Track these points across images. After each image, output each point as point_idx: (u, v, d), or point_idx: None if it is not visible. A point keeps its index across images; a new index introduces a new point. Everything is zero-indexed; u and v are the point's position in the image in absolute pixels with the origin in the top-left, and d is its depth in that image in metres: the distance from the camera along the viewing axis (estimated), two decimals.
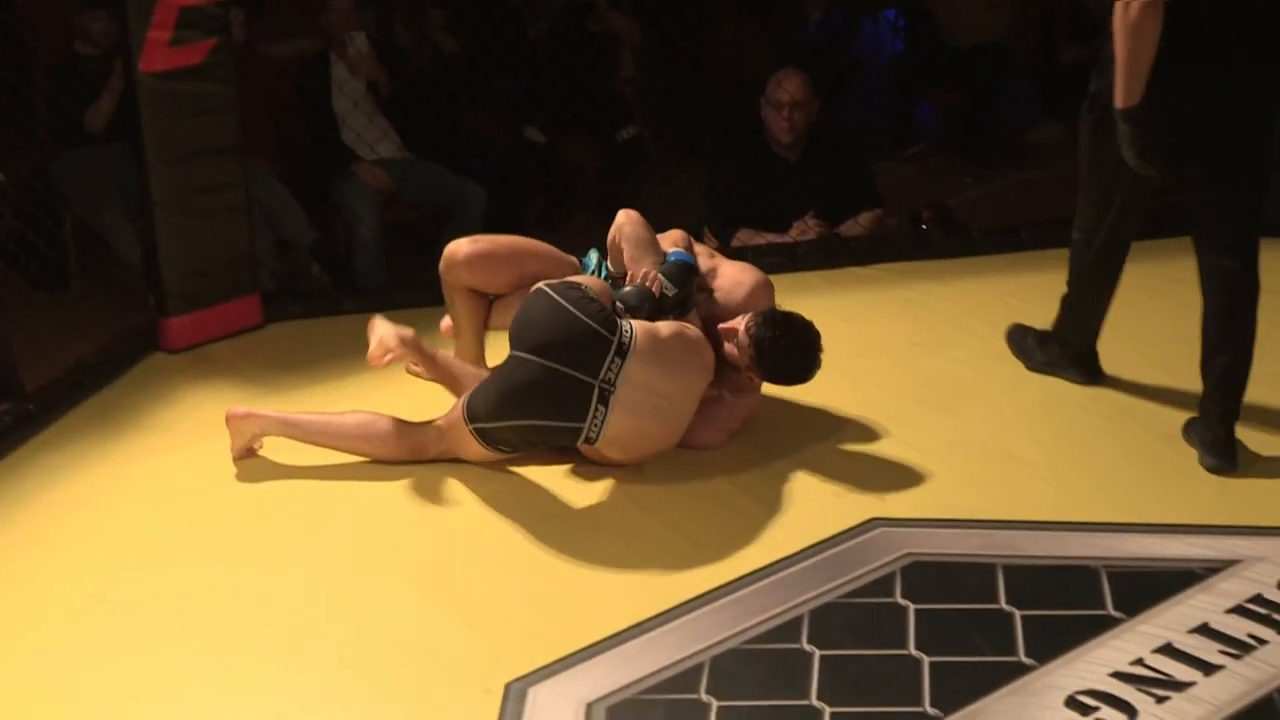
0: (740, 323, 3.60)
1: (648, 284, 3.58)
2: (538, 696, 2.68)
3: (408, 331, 3.69)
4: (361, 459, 3.57)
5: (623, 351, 3.34)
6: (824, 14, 6.78)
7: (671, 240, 3.77)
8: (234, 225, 4.47)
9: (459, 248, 3.74)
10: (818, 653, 2.75)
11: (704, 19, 6.53)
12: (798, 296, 4.56)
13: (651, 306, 3.54)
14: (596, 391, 3.33)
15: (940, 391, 3.89)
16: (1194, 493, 3.28)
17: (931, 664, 2.68)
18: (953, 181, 6.27)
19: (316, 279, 5.28)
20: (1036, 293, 4.36)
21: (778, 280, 4.66)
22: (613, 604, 2.95)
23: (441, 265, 3.77)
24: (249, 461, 3.59)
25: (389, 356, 3.62)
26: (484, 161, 5.82)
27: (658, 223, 5.50)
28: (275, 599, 3.05)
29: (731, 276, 3.81)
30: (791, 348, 3.55)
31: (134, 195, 4.57)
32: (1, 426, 3.79)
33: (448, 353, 3.86)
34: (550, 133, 6.14)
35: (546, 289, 3.40)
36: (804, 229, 4.96)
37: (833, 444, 3.63)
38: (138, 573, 3.15)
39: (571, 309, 3.34)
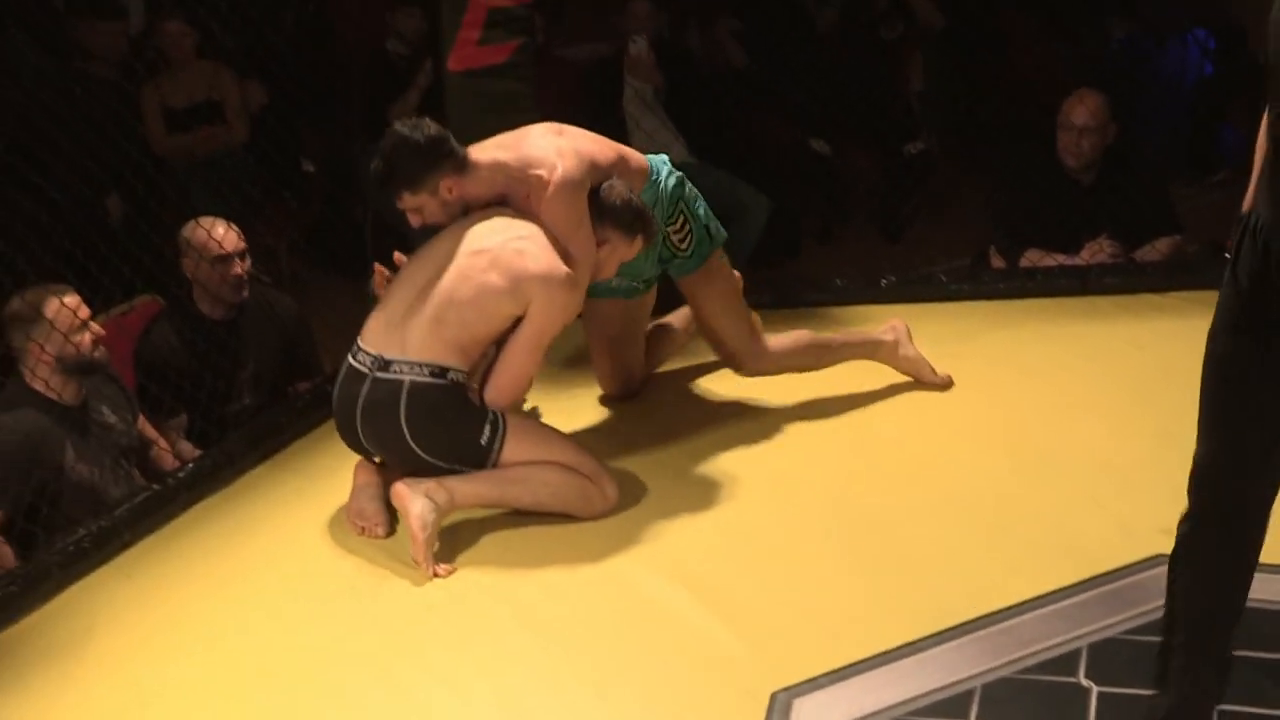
0: None
1: None
2: (803, 709, 2.66)
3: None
4: None
5: None
6: (1128, 32, 6.53)
7: None
8: None
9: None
10: (1095, 688, 2.66)
11: (1001, 33, 6.40)
12: (1088, 321, 4.43)
13: None
14: None
15: None
16: None
17: (1220, 712, 2.55)
18: None
19: None
20: None
21: (1067, 303, 4.57)
22: (880, 620, 2.91)
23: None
24: None
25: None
26: (768, 169, 5.84)
27: (942, 237, 5.45)
28: (548, 588, 3.11)
29: None
30: None
31: None
32: (303, 404, 3.99)
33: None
34: (835, 142, 6.11)
35: None
36: (1096, 251, 4.79)
37: (1118, 472, 3.46)
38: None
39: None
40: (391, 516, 3.32)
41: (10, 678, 2.87)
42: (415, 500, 3.14)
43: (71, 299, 3.59)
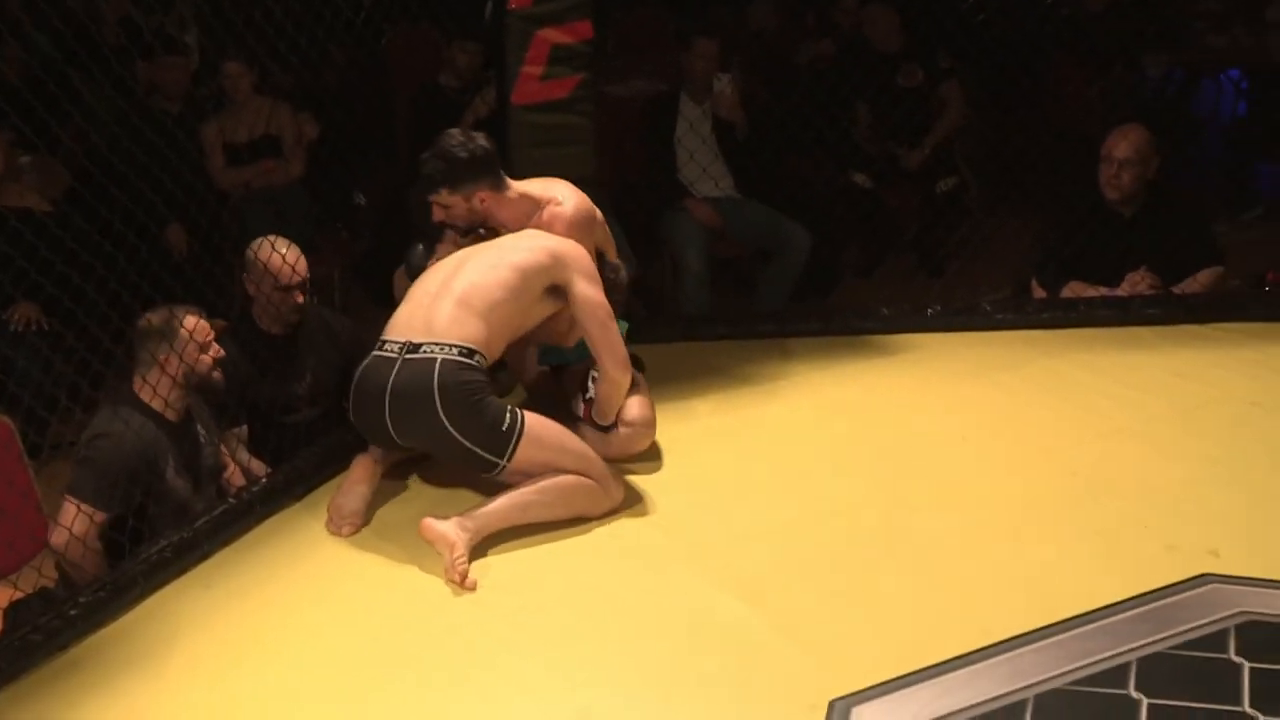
0: None
1: None
2: (861, 716, 2.73)
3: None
4: None
5: None
6: (1164, 71, 6.64)
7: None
8: None
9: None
10: (1145, 700, 2.73)
11: (1037, 71, 6.50)
12: (1130, 350, 4.53)
13: None
14: None
15: None
16: None
17: None
18: None
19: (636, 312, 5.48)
20: None
21: (1109, 333, 4.66)
22: (935, 633, 3.00)
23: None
24: None
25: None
26: (809, 204, 5.93)
27: (981, 271, 5.53)
28: (607, 598, 3.22)
29: None
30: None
31: None
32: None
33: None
34: (875, 178, 6.21)
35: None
36: (1136, 283, 4.87)
37: (1165, 495, 3.55)
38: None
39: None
40: (364, 520, 3.58)
41: (101, 678, 2.97)
42: (445, 525, 3.30)
43: (200, 320, 3.69)
